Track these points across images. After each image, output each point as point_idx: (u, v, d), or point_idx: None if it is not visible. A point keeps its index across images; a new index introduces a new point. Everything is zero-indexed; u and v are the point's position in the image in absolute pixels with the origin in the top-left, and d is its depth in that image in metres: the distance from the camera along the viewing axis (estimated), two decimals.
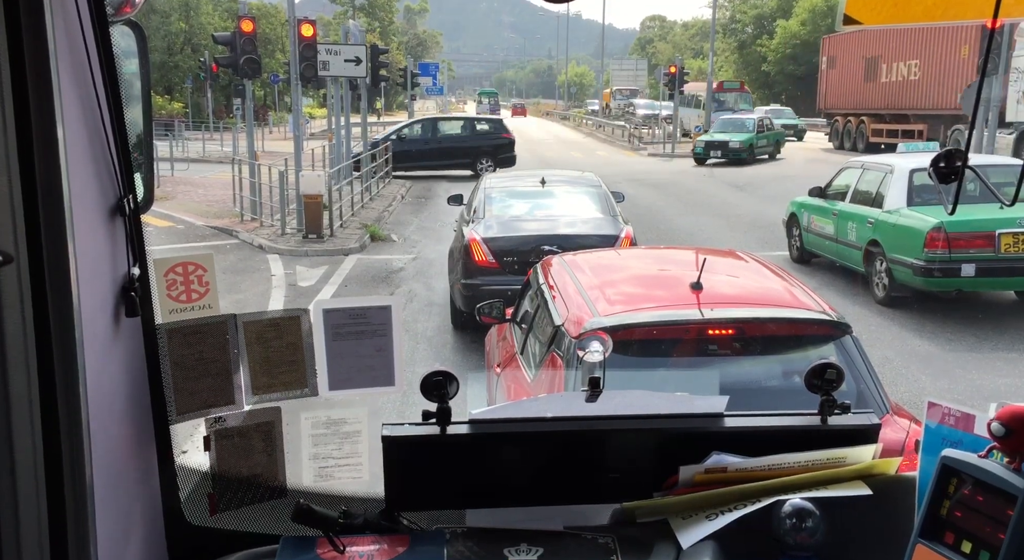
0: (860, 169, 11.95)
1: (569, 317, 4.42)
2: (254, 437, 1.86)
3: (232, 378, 1.83)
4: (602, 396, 1.92)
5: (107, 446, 1.55)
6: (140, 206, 1.73)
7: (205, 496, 1.86)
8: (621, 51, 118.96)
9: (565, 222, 9.57)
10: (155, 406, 1.78)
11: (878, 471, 1.78)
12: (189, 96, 51.40)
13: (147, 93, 1.87)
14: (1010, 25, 17.42)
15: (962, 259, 9.44)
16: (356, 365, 1.85)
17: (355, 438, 1.90)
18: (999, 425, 1.46)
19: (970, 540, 1.47)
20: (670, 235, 15.49)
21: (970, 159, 1.56)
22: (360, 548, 1.71)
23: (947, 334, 9.34)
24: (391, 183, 24.85)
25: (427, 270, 12.97)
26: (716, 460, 1.77)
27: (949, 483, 1.53)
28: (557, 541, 1.75)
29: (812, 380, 1.85)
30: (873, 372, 4.16)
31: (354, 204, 19.02)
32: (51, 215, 1.39)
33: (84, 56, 1.50)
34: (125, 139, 1.65)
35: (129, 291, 1.64)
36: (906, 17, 1.63)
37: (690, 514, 1.74)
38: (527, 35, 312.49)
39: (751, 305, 4.57)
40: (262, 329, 1.84)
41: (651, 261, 6.13)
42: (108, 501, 1.53)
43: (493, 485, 1.84)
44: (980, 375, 8.00)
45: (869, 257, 10.78)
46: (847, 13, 1.60)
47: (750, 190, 22.58)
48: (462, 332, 9.27)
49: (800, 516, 1.67)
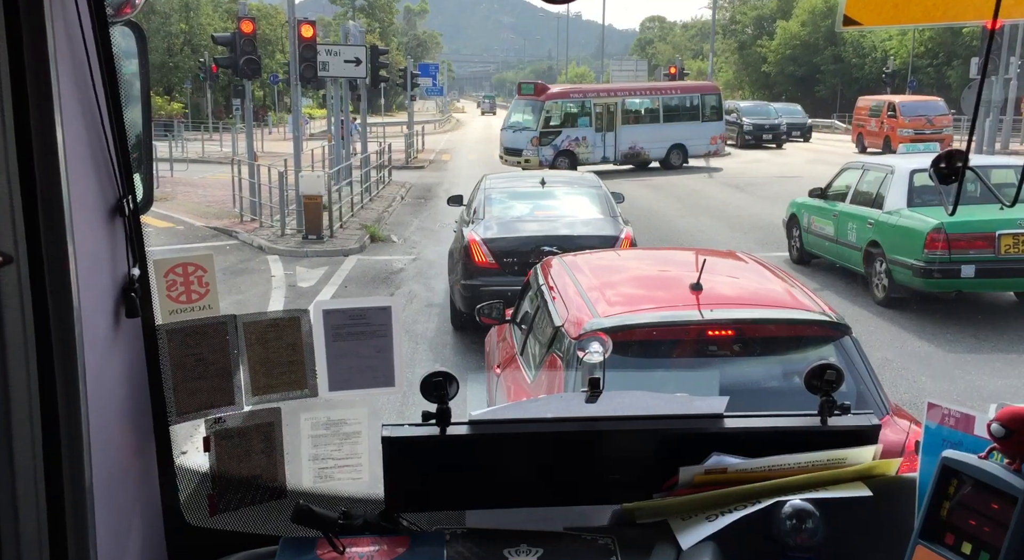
0: (860, 170, 11.95)
1: (569, 318, 4.42)
2: (254, 438, 1.86)
3: (232, 379, 1.83)
4: (602, 397, 1.92)
5: (107, 447, 1.55)
6: (140, 207, 1.73)
7: (205, 497, 1.86)
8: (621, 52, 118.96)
9: (565, 223, 9.57)
10: (155, 407, 1.78)
11: (878, 472, 1.78)
12: (189, 97, 51.44)
13: (147, 94, 1.87)
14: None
15: (962, 260, 9.44)
16: (356, 366, 1.85)
17: (355, 439, 1.90)
18: (999, 426, 1.46)
19: (970, 541, 1.47)
20: (670, 236, 15.49)
21: (970, 160, 1.56)
22: (360, 549, 1.71)
23: (947, 335, 9.34)
24: (391, 184, 24.87)
25: (427, 271, 12.97)
26: (716, 461, 1.77)
27: (949, 484, 1.53)
28: (557, 542, 1.75)
29: (812, 381, 1.85)
30: (873, 373, 4.16)
31: (354, 205, 19.02)
32: (51, 216, 1.39)
33: (84, 57, 1.50)
34: (124, 140, 1.65)
35: (129, 292, 1.64)
36: (906, 18, 1.64)
37: (690, 515, 1.74)
38: (527, 36, 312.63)
39: (751, 306, 4.57)
40: (262, 330, 1.84)
41: (651, 262, 6.13)
42: (108, 502, 1.53)
43: (493, 486, 1.84)
44: (980, 376, 8.00)
45: (869, 258, 10.78)
46: (847, 14, 1.60)
47: (750, 191, 22.59)
48: (462, 333, 9.27)
49: (800, 517, 1.67)
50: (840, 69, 58.37)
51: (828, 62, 58.84)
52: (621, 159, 28.71)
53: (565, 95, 29.76)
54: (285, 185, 15.98)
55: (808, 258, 12.91)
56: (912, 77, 48.19)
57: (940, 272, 9.50)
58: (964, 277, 9.49)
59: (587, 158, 28.17)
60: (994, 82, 18.01)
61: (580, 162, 27.57)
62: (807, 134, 42.00)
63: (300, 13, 19.12)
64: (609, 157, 28.71)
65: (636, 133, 29.23)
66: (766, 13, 68.98)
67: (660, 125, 29.50)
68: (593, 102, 29.02)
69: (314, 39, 17.84)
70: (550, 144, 27.87)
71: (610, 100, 29.36)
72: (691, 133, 29.57)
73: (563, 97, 29.41)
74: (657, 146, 29.07)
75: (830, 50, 58.75)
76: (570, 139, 28.28)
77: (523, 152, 27.73)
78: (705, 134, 29.69)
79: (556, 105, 28.62)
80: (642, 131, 29.34)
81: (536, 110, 28.14)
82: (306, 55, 17.42)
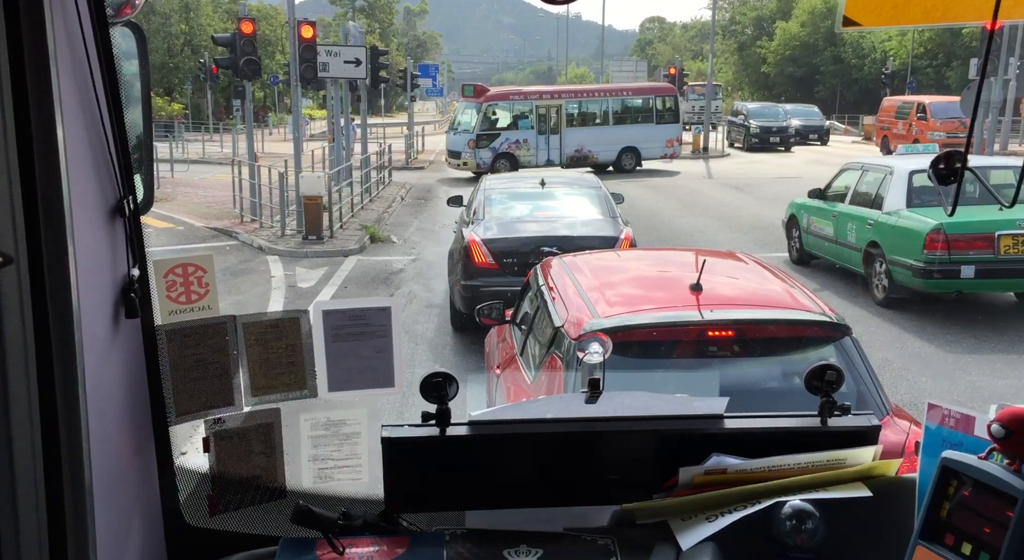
0: (860, 170, 11.95)
1: (569, 318, 4.42)
2: (253, 438, 1.86)
3: (231, 379, 1.83)
4: (602, 397, 1.92)
5: (106, 447, 1.55)
6: (140, 207, 1.73)
7: (204, 497, 1.86)
8: (621, 52, 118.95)
9: (565, 224, 9.58)
10: (154, 407, 1.78)
11: (878, 473, 1.78)
12: (189, 97, 51.47)
13: (147, 94, 1.87)
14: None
15: (962, 261, 9.44)
16: (356, 366, 1.85)
17: (354, 439, 1.90)
18: (999, 427, 1.46)
19: (970, 542, 1.47)
20: (669, 236, 15.49)
21: (969, 160, 1.56)
22: (359, 550, 1.71)
23: (947, 336, 9.34)
24: (391, 184, 24.87)
25: (427, 271, 12.97)
26: (716, 461, 1.77)
27: (949, 485, 1.53)
28: (557, 542, 1.75)
29: (812, 381, 1.85)
30: (873, 373, 4.16)
31: (354, 205, 19.03)
32: (51, 216, 1.39)
33: (84, 57, 1.50)
34: (125, 140, 1.65)
35: (129, 292, 1.64)
36: (905, 19, 1.64)
37: (690, 515, 1.74)
38: (527, 36, 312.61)
39: (751, 306, 4.56)
40: (262, 330, 1.84)
41: (651, 263, 6.13)
42: (107, 502, 1.53)
43: (493, 486, 1.84)
44: (980, 377, 8.00)
45: (869, 259, 10.78)
46: (846, 15, 1.60)
47: (749, 191, 22.60)
48: (462, 333, 9.27)
49: (800, 518, 1.67)
50: (840, 70, 58.43)
51: (828, 63, 58.90)
52: (567, 162, 27.98)
53: (505, 97, 29.36)
54: (285, 186, 15.99)
55: (808, 259, 12.91)
56: (911, 78, 48.19)
57: (940, 273, 9.51)
58: (964, 278, 9.50)
59: (529, 161, 27.72)
60: (993, 83, 18.02)
61: (521, 165, 27.21)
62: (824, 137, 40.10)
63: (300, 14, 19.12)
64: (554, 160, 28.11)
65: (583, 135, 28.69)
66: (766, 14, 69.04)
67: (610, 127, 28.98)
68: (535, 104, 28.53)
69: (314, 40, 17.85)
70: (488, 147, 27.50)
71: (553, 102, 28.87)
72: (645, 135, 28.82)
73: (502, 99, 29.00)
74: (606, 149, 28.46)
75: (829, 51, 58.80)
76: (510, 141, 27.88)
77: (461, 155, 27.59)
78: (660, 137, 28.90)
79: (495, 107, 28.22)
80: (590, 133, 28.79)
81: (475, 112, 27.86)
82: (306, 56, 17.43)
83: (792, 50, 61.04)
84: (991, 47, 15.30)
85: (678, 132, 29.87)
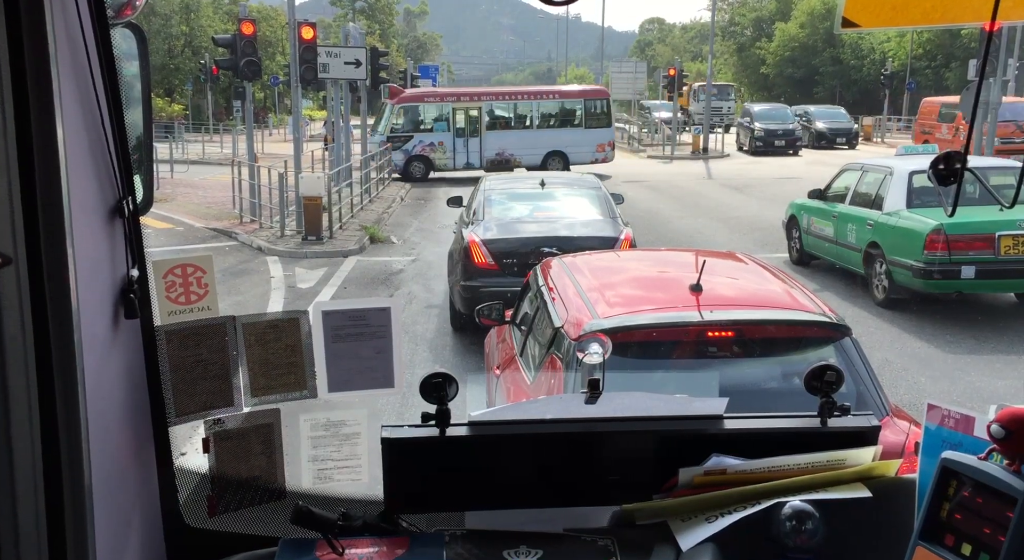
0: (860, 171, 11.96)
1: (568, 319, 4.42)
2: (253, 439, 1.86)
3: (231, 380, 1.83)
4: (601, 398, 1.92)
5: (106, 448, 1.55)
6: (139, 208, 1.73)
7: (204, 498, 1.86)
8: (621, 53, 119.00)
9: (565, 224, 9.58)
10: (154, 408, 1.78)
11: (878, 473, 1.78)
12: (189, 98, 51.47)
13: (147, 95, 1.87)
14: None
15: (962, 261, 9.44)
16: (355, 367, 1.85)
17: (354, 440, 1.90)
18: (999, 427, 1.46)
19: (970, 542, 1.47)
20: (669, 237, 15.49)
21: (969, 161, 1.56)
22: (359, 550, 1.71)
23: (947, 336, 9.34)
24: (391, 185, 24.87)
25: (426, 272, 12.97)
26: (716, 462, 1.77)
27: (949, 485, 1.53)
28: (556, 543, 1.75)
29: (812, 382, 1.85)
30: (873, 374, 4.16)
31: (353, 206, 19.03)
32: (50, 217, 1.39)
33: (84, 58, 1.50)
34: (125, 141, 1.65)
35: (128, 293, 1.64)
36: (904, 20, 1.64)
37: (690, 516, 1.74)
38: (526, 37, 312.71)
39: (751, 307, 4.56)
40: (261, 331, 1.84)
41: (651, 263, 6.13)
42: (107, 503, 1.53)
43: (492, 487, 1.84)
44: (980, 377, 8.00)
45: (869, 259, 10.78)
46: (846, 16, 1.61)
47: (749, 192, 22.60)
48: (461, 334, 9.27)
49: (800, 518, 1.67)
50: (839, 71, 58.43)
51: (827, 64, 58.90)
52: (488, 166, 26.84)
53: (419, 98, 28.98)
54: (285, 186, 15.99)
55: (808, 259, 12.91)
56: (911, 79, 48.18)
57: (940, 273, 9.51)
58: (964, 278, 9.50)
59: (445, 164, 27.48)
60: (992, 84, 18.01)
61: (437, 168, 27.05)
62: (852, 140, 37.35)
63: (300, 15, 19.14)
64: (474, 163, 27.60)
65: (505, 139, 28.08)
66: (765, 15, 69.05)
67: (535, 131, 28.34)
68: (452, 106, 28.05)
69: (314, 41, 17.87)
70: (401, 149, 27.12)
71: (472, 104, 28.40)
72: (573, 140, 27.97)
73: (416, 100, 28.61)
74: (530, 153, 27.41)
75: (829, 52, 58.80)
76: (424, 144, 27.53)
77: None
78: (590, 141, 28.06)
79: (408, 109, 27.80)
80: (513, 137, 28.15)
81: (388, 114, 27.57)
82: (306, 57, 17.44)
83: (791, 51, 61.04)
84: (990, 48, 15.30)
85: (610, 136, 29.05)
